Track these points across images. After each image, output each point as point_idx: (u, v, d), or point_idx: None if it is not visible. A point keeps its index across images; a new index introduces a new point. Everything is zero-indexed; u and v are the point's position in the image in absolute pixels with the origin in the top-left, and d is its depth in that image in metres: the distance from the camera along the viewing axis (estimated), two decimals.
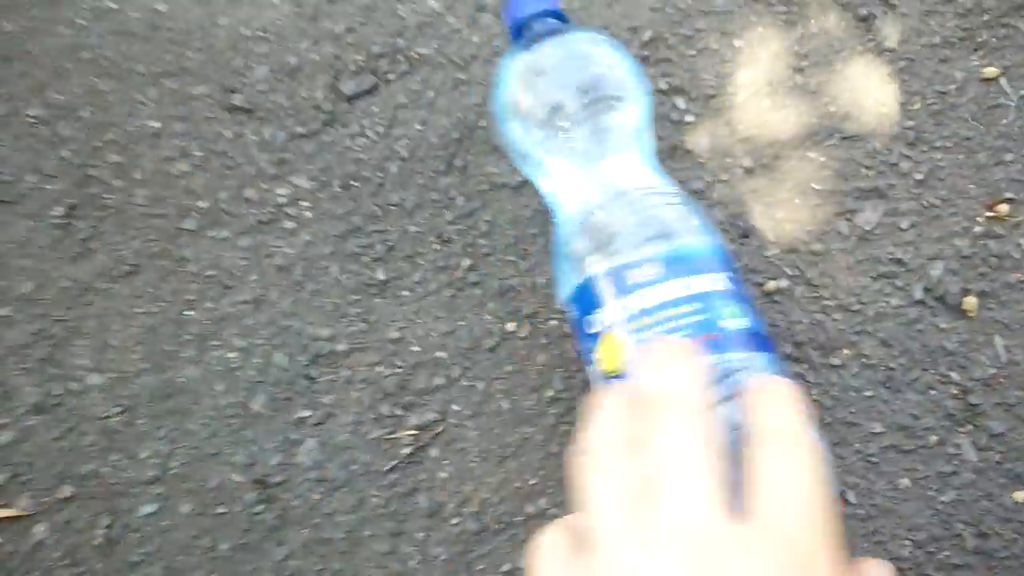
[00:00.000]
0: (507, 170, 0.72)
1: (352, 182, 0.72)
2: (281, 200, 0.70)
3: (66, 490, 0.65)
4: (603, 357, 0.45)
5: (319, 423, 0.65)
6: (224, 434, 0.65)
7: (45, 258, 0.69)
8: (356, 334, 0.67)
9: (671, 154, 0.72)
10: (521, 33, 0.58)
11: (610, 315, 0.45)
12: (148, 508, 0.64)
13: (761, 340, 0.45)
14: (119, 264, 0.69)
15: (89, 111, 0.74)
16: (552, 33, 0.55)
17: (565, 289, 0.50)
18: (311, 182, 0.70)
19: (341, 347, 0.66)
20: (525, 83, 0.54)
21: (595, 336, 0.46)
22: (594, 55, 0.55)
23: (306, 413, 0.65)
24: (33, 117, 0.73)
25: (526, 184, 0.71)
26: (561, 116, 0.52)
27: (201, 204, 0.70)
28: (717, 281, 0.46)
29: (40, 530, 0.64)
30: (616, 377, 0.44)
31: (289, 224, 0.69)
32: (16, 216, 0.71)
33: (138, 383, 0.66)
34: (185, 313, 0.67)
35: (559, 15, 0.57)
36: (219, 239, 0.69)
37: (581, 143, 0.51)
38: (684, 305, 0.44)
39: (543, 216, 0.69)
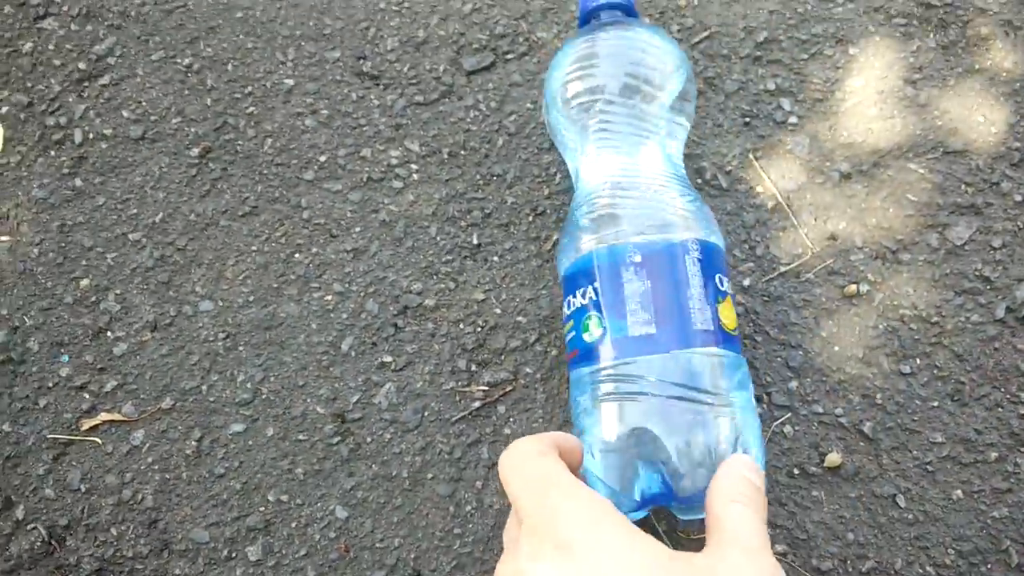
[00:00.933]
0: None
1: (460, 151, 0.72)
2: (393, 161, 0.72)
3: (167, 402, 0.66)
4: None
5: (399, 369, 0.66)
6: (313, 369, 0.66)
7: (177, 192, 0.72)
8: (444, 291, 0.67)
9: (768, 152, 0.71)
10: (587, 21, 0.61)
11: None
12: (237, 427, 0.65)
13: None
14: (241, 205, 0.71)
15: (233, 64, 0.77)
16: (613, 24, 0.59)
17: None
18: (422, 147, 0.73)
19: (429, 302, 0.67)
20: (573, 66, 0.57)
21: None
22: (645, 48, 0.56)
23: (388, 359, 0.66)
24: (184, 66, 0.77)
25: None
26: (601, 101, 0.53)
27: (321, 158, 0.72)
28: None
29: (138, 436, 0.65)
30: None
31: (397, 184, 0.72)
32: (157, 152, 0.74)
33: (243, 314, 0.68)
34: (294, 256, 0.69)
35: (626, 8, 0.61)
36: (332, 191, 0.71)
37: (615, 129, 0.52)
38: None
39: None
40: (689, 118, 0.56)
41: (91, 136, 0.74)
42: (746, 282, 0.65)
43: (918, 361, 0.63)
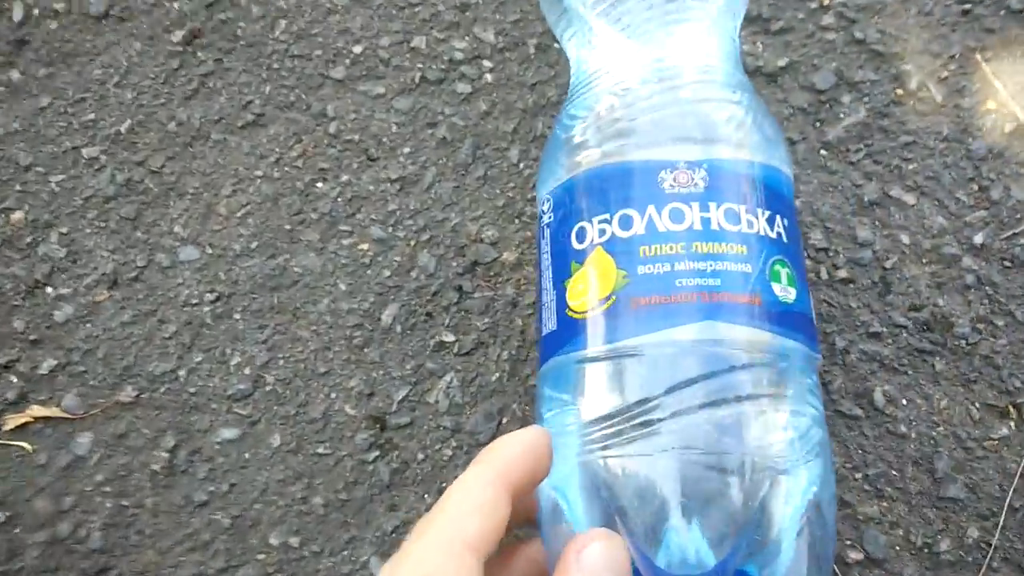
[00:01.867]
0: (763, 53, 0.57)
1: (552, 43, 0.58)
2: (458, 56, 0.59)
3: (127, 393, 0.53)
4: (574, 290, 0.36)
5: (466, 353, 0.53)
6: (340, 349, 0.54)
7: (152, 92, 0.59)
8: (530, 242, 0.55)
9: (1000, 53, 0.54)
10: None
11: (598, 231, 0.36)
12: (228, 432, 0.52)
13: (806, 326, 0.36)
14: (242, 111, 0.59)
15: None
16: None
17: (546, 183, 0.41)
18: (499, 37, 0.59)
19: (509, 256, 0.55)
20: None
21: (569, 257, 0.37)
22: None
23: (450, 337, 0.53)
24: None
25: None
26: None
27: (355, 49, 0.60)
28: (764, 222, 0.36)
29: (84, 441, 0.52)
30: (581, 322, 0.35)
31: (463, 87, 0.59)
32: (125, 36, 0.60)
33: (242, 266, 0.55)
34: (315, 185, 0.57)
35: None
36: (371, 96, 0.59)
37: (643, 5, 0.40)
38: (711, 242, 0.35)
39: None
40: None
41: (35, 12, 0.60)
42: (977, 238, 0.52)
43: None
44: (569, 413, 0.36)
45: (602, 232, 0.36)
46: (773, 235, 0.37)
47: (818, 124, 0.55)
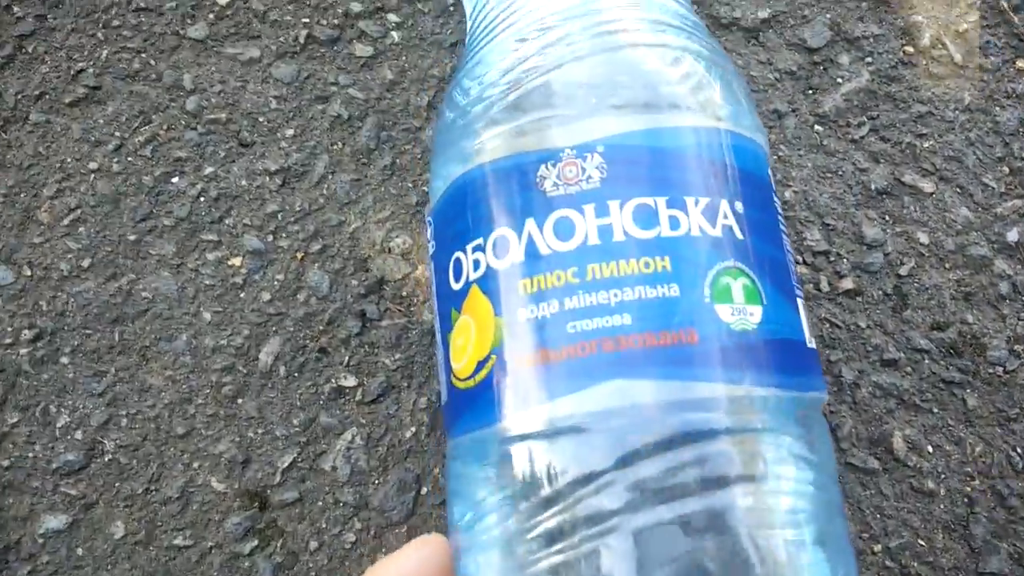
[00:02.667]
0: None
1: None
2: (355, 7, 0.50)
3: None
4: (456, 346, 0.29)
5: (372, 401, 0.43)
6: (205, 401, 0.43)
7: None
8: None
9: None
10: None
11: (472, 263, 0.29)
12: (55, 521, 0.41)
13: (787, 356, 0.29)
14: (71, 84, 0.48)
15: None
16: None
17: (432, 195, 0.34)
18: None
19: (425, 271, 0.45)
20: None
21: (449, 302, 0.30)
22: None
23: (350, 381, 0.43)
24: None
25: None
26: None
27: (221, 1, 0.49)
28: (700, 215, 0.28)
29: None
30: (465, 395, 0.28)
31: (363, 49, 0.49)
32: None
33: (71, 292, 0.44)
34: (169, 179, 0.46)
35: None
36: (242, 61, 0.48)
37: None
38: (613, 261, 0.27)
39: None
40: None
41: None
42: (1011, 235, 0.45)
43: None
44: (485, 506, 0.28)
45: (476, 264, 0.29)
46: (715, 231, 0.28)
47: (811, 92, 0.47)
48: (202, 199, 0.46)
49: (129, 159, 0.47)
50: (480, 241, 0.29)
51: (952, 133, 0.47)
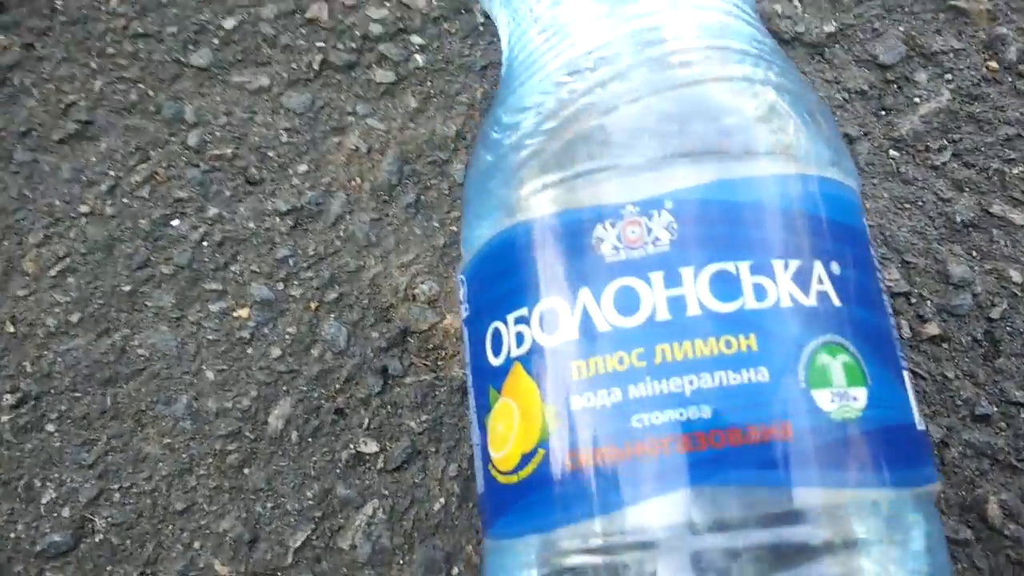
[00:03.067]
0: None
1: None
2: (375, 29, 0.46)
3: None
4: (495, 433, 0.25)
5: (396, 469, 0.38)
6: (207, 472, 0.38)
7: None
8: None
9: None
10: None
11: (515, 336, 0.25)
12: None
13: (898, 445, 0.24)
14: (61, 118, 0.44)
15: None
16: None
17: (465, 250, 0.30)
18: (434, 1, 0.42)
19: (454, 321, 0.41)
20: None
21: (487, 380, 0.26)
22: None
23: (371, 447, 0.39)
24: None
25: None
26: None
27: (227, 23, 0.45)
28: (790, 281, 0.24)
29: None
30: (507, 491, 0.24)
31: (383, 75, 0.45)
32: None
33: (57, 350, 0.40)
34: (169, 224, 0.42)
35: None
36: (250, 90, 0.44)
37: None
38: (688, 340, 0.22)
39: None
40: None
41: None
42: None
43: None
44: None
45: (519, 339, 0.25)
46: (809, 300, 0.24)
47: (884, 113, 0.43)
48: (205, 244, 0.42)
49: (124, 201, 0.43)
50: (524, 312, 0.24)
51: None
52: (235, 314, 0.40)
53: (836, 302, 0.25)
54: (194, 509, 0.38)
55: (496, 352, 0.25)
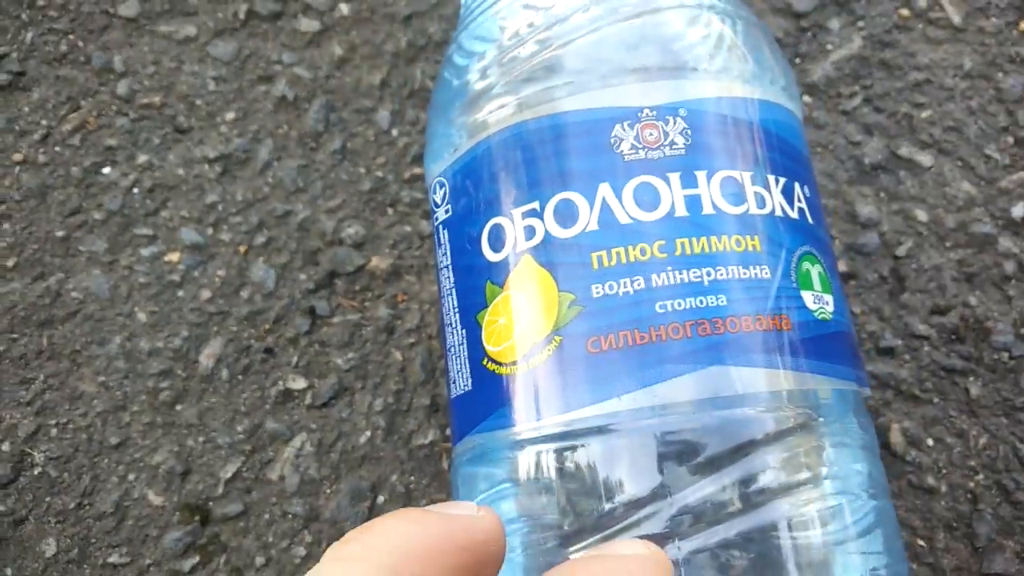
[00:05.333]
0: None
1: None
2: None
3: None
4: (494, 327, 0.28)
5: (323, 405, 0.43)
6: (141, 408, 0.43)
7: None
8: (410, 239, 0.46)
9: None
10: None
11: (524, 230, 0.28)
12: None
13: (852, 349, 0.29)
14: None
15: None
16: None
17: (438, 158, 0.32)
18: None
19: (380, 263, 0.45)
20: None
21: (482, 275, 0.29)
22: None
23: (300, 383, 0.43)
24: None
25: None
26: None
27: None
28: (780, 195, 0.28)
29: None
30: (508, 381, 0.27)
31: (308, 23, 0.49)
32: None
33: None
34: (100, 171, 0.46)
35: None
36: (177, 39, 0.49)
37: None
38: (705, 236, 0.26)
39: None
40: None
41: None
42: (1016, 210, 0.45)
43: None
44: (509, 499, 0.28)
45: (530, 232, 0.27)
46: (794, 214, 0.28)
47: (798, 60, 0.47)
48: (135, 190, 0.45)
49: (56, 149, 0.46)
50: (535, 206, 0.27)
51: (951, 102, 0.46)
52: (166, 258, 0.44)
53: (810, 219, 0.29)
54: (128, 443, 0.42)
55: (496, 247, 0.28)
